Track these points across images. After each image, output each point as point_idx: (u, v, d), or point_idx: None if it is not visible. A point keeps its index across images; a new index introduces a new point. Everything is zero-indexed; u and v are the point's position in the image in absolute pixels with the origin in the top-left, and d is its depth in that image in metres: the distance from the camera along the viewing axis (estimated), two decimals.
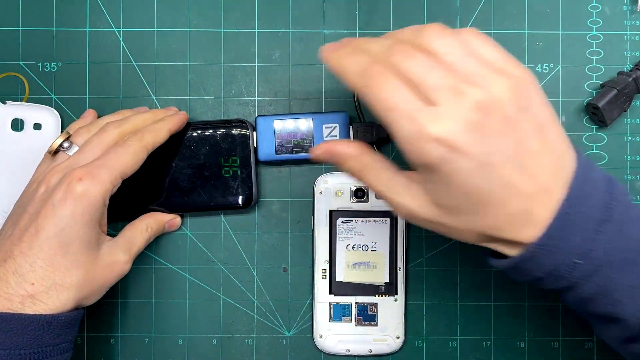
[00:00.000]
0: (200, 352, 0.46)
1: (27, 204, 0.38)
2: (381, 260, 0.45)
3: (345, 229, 0.45)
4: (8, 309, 0.35)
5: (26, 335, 0.34)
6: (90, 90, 0.47)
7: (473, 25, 0.47)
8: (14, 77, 0.47)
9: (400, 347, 0.46)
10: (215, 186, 0.45)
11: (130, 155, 0.39)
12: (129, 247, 0.41)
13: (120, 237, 0.42)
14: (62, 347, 0.37)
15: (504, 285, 0.47)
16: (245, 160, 0.45)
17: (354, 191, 0.45)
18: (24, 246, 0.36)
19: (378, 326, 0.45)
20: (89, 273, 0.38)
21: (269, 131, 0.45)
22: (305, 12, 0.47)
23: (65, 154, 0.40)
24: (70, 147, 0.40)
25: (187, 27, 0.47)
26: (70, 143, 0.41)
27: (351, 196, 0.45)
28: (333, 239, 0.45)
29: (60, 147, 0.40)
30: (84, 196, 0.36)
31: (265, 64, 0.47)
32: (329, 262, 0.45)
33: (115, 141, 0.40)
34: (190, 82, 0.47)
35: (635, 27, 0.47)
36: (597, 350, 0.47)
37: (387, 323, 0.45)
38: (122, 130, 0.41)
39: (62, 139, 0.41)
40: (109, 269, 0.39)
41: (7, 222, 0.39)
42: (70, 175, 0.37)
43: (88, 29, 0.47)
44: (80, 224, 0.37)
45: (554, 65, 0.47)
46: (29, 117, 0.46)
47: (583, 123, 0.47)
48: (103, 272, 0.39)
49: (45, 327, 0.35)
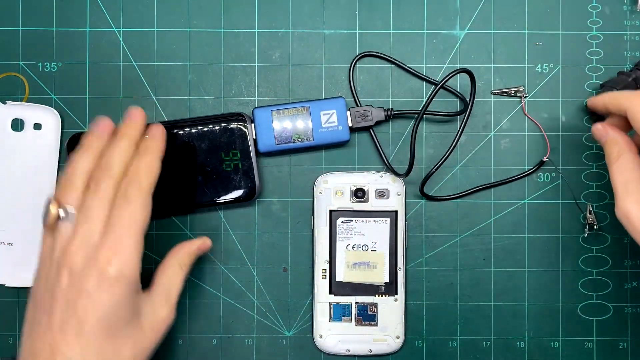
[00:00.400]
0: (200, 352, 0.46)
1: (54, 290, 0.36)
2: (381, 260, 0.45)
3: (345, 229, 0.45)
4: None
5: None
6: (90, 90, 0.47)
7: (473, 25, 0.47)
8: (14, 77, 0.47)
9: (400, 347, 0.46)
10: (217, 181, 0.45)
11: (140, 209, 0.37)
12: (167, 296, 0.40)
13: (156, 287, 0.40)
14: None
15: (504, 286, 0.47)
16: (246, 153, 0.45)
17: (354, 191, 0.45)
18: (69, 340, 0.35)
19: (378, 326, 0.45)
20: (136, 344, 0.37)
21: (267, 122, 0.45)
22: (305, 12, 0.47)
23: (66, 223, 0.37)
24: (68, 215, 0.37)
25: (187, 27, 0.47)
26: (66, 212, 0.37)
27: (351, 196, 0.45)
28: (333, 239, 0.45)
29: (57, 219, 0.37)
30: (119, 279, 0.35)
31: (265, 64, 0.47)
32: (329, 262, 0.45)
33: (113, 194, 0.37)
34: (190, 82, 0.47)
35: (635, 27, 0.47)
36: (597, 350, 0.47)
37: (387, 323, 0.45)
38: (115, 180, 0.37)
39: (55, 210, 0.37)
40: (154, 330, 0.38)
41: (36, 308, 0.37)
42: (97, 259, 0.35)
43: (88, 29, 0.47)
44: (120, 305, 0.36)
45: (554, 65, 0.47)
46: (29, 117, 0.46)
47: (583, 123, 0.47)
48: (150, 335, 0.38)
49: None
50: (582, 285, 0.47)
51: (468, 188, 0.47)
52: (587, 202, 0.47)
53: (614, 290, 0.47)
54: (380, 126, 0.47)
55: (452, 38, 0.47)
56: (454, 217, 0.47)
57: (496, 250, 0.47)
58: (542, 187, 0.47)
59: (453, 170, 0.47)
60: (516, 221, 0.47)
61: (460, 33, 0.47)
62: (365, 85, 0.47)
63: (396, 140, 0.47)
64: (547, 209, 0.47)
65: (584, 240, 0.47)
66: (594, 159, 0.47)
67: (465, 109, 0.45)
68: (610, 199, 0.47)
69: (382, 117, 0.46)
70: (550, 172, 0.47)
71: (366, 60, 0.47)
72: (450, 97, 0.47)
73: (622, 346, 0.47)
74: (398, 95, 0.47)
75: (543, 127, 0.47)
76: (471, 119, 0.47)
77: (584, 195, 0.47)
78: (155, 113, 0.47)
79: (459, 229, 0.47)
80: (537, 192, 0.47)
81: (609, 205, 0.47)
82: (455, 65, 0.47)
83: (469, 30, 0.47)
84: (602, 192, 0.47)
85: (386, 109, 0.46)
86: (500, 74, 0.47)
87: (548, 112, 0.47)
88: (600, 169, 0.47)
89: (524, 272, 0.47)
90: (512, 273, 0.47)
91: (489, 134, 0.47)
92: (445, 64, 0.47)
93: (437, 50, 0.47)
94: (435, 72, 0.47)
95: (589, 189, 0.47)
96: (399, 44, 0.47)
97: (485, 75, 0.47)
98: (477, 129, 0.47)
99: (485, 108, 0.47)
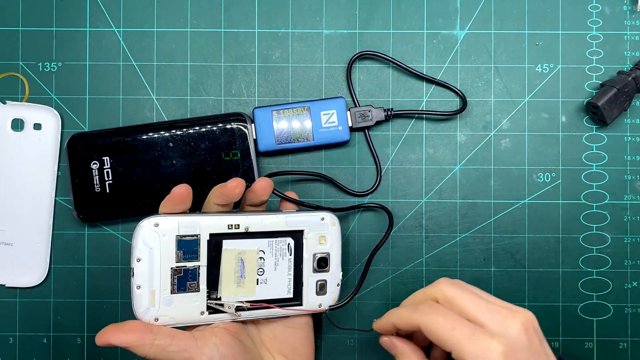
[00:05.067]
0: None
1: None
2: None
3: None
4: None
5: None
6: (90, 90, 0.47)
7: (473, 25, 0.47)
8: (14, 77, 0.47)
9: None
10: (217, 181, 0.45)
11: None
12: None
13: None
14: None
15: (504, 286, 0.47)
16: (246, 153, 0.45)
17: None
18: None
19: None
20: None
21: (267, 122, 0.45)
22: (305, 12, 0.47)
23: None
24: None
25: (187, 27, 0.47)
26: None
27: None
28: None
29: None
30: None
31: (265, 64, 0.47)
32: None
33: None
34: (190, 82, 0.47)
35: (635, 27, 0.47)
36: (597, 350, 0.47)
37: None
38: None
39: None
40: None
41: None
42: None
43: (88, 29, 0.47)
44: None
45: (554, 65, 0.47)
46: (29, 117, 0.46)
47: (583, 123, 0.47)
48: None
49: None
50: (582, 285, 0.47)
51: (468, 188, 0.47)
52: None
53: (614, 290, 0.47)
54: (380, 126, 0.47)
55: (452, 38, 0.47)
56: (454, 217, 0.47)
57: (496, 250, 0.47)
58: (542, 187, 0.47)
59: (453, 170, 0.47)
60: (516, 221, 0.47)
61: (460, 33, 0.47)
62: (365, 85, 0.47)
63: (396, 140, 0.47)
64: (547, 209, 0.47)
65: (584, 240, 0.47)
66: (594, 159, 0.47)
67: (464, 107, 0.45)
68: (610, 199, 0.47)
69: (382, 117, 0.46)
70: (550, 172, 0.47)
71: (366, 60, 0.47)
72: (450, 98, 0.47)
73: (622, 346, 0.47)
74: (398, 95, 0.47)
75: (543, 127, 0.47)
76: (471, 119, 0.47)
77: (584, 195, 0.47)
78: (155, 113, 0.47)
79: (459, 229, 0.47)
80: (537, 192, 0.47)
81: (609, 205, 0.47)
82: (455, 65, 0.47)
83: (469, 30, 0.47)
84: (602, 192, 0.47)
85: (386, 109, 0.46)
86: (500, 74, 0.47)
87: (548, 112, 0.47)
88: (600, 169, 0.47)
89: (524, 272, 0.47)
90: (512, 273, 0.47)
91: (489, 134, 0.47)
92: (445, 64, 0.47)
93: (437, 50, 0.47)
94: (436, 72, 0.47)
95: (589, 189, 0.47)
96: (399, 44, 0.47)
97: (485, 75, 0.47)
98: (477, 129, 0.47)
99: (485, 108, 0.47)
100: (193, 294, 0.38)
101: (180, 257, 0.37)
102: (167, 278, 0.37)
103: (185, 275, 0.37)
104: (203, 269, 0.38)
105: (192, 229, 0.37)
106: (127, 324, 0.35)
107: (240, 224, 0.38)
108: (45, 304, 0.47)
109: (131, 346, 0.35)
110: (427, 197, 0.47)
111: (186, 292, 0.37)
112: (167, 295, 0.37)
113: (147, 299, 0.37)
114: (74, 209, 0.45)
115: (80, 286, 0.47)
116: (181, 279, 0.37)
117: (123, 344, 0.34)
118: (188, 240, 0.37)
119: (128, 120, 0.47)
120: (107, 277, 0.47)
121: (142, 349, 0.35)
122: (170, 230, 0.37)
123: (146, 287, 0.37)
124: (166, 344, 0.35)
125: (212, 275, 0.38)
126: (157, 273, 0.37)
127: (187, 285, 0.38)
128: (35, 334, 0.47)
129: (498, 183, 0.47)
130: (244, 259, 0.39)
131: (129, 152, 0.45)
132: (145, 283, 0.37)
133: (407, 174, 0.47)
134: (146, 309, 0.37)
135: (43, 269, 0.46)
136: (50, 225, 0.46)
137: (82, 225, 0.47)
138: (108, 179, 0.45)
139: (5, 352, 0.46)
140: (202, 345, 0.36)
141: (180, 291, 0.37)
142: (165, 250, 0.37)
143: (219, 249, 0.38)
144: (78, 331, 0.47)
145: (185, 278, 0.37)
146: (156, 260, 0.37)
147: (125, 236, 0.47)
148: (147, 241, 0.36)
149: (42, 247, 0.46)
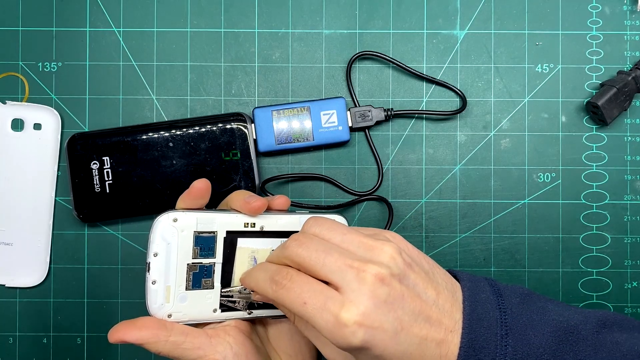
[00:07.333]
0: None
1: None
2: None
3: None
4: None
5: None
6: (90, 90, 0.47)
7: (473, 25, 0.47)
8: (14, 77, 0.47)
9: None
10: (217, 181, 0.45)
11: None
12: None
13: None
14: None
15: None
16: (246, 153, 0.45)
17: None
18: None
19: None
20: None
21: (267, 122, 0.45)
22: (305, 12, 0.47)
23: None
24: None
25: (187, 27, 0.47)
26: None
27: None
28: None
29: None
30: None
31: (265, 64, 0.47)
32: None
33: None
34: (190, 82, 0.47)
35: (635, 27, 0.47)
36: None
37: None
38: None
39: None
40: None
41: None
42: None
43: (88, 29, 0.47)
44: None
45: (554, 65, 0.47)
46: (29, 117, 0.46)
47: (583, 123, 0.47)
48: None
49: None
50: (582, 285, 0.47)
51: (468, 188, 0.47)
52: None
53: (614, 290, 0.47)
54: (380, 126, 0.47)
55: (452, 38, 0.47)
56: (454, 217, 0.47)
57: (496, 250, 0.47)
58: (542, 187, 0.47)
59: (453, 170, 0.47)
60: (516, 221, 0.47)
61: (460, 33, 0.47)
62: (365, 85, 0.47)
63: (396, 140, 0.47)
64: (547, 209, 0.47)
65: (584, 240, 0.47)
66: (594, 159, 0.47)
67: (464, 107, 0.45)
68: (610, 199, 0.47)
69: (382, 117, 0.46)
70: (550, 172, 0.47)
71: (366, 60, 0.47)
72: (450, 98, 0.47)
73: None
74: (398, 95, 0.47)
75: (543, 127, 0.47)
76: (471, 119, 0.47)
77: (584, 195, 0.47)
78: (155, 113, 0.47)
79: (459, 229, 0.47)
80: (537, 192, 0.47)
81: (609, 205, 0.47)
82: (455, 65, 0.47)
83: (469, 30, 0.47)
84: (602, 192, 0.47)
85: (386, 109, 0.46)
86: (500, 73, 0.47)
87: (548, 112, 0.47)
88: (600, 168, 0.47)
89: (524, 272, 0.47)
90: (512, 273, 0.47)
91: (489, 134, 0.47)
92: (445, 64, 0.47)
93: (437, 50, 0.47)
94: (435, 72, 0.47)
95: (589, 189, 0.47)
96: (399, 44, 0.47)
97: (485, 75, 0.47)
98: (477, 129, 0.47)
99: (485, 108, 0.47)
100: (207, 291, 0.37)
101: (197, 253, 0.37)
102: (182, 274, 0.37)
103: (200, 272, 0.37)
104: (218, 266, 0.38)
105: (210, 225, 0.37)
106: (139, 320, 0.35)
107: (256, 223, 0.38)
108: (45, 304, 0.47)
109: (145, 343, 0.34)
110: (427, 197, 0.47)
111: (201, 288, 0.37)
112: (182, 291, 0.37)
113: (162, 295, 0.36)
114: (74, 209, 0.45)
115: (80, 286, 0.47)
116: (196, 275, 0.37)
117: (137, 340, 0.34)
118: (205, 236, 0.37)
119: (128, 120, 0.47)
120: (107, 277, 0.47)
121: (156, 345, 0.34)
122: (189, 226, 0.37)
123: (162, 283, 0.36)
124: (180, 341, 0.35)
125: (225, 273, 0.38)
126: (173, 269, 0.36)
127: (202, 282, 0.37)
128: (35, 334, 0.47)
129: (498, 183, 0.47)
130: (257, 257, 0.39)
131: (129, 152, 0.45)
132: (161, 278, 0.36)
133: (407, 174, 0.47)
134: (161, 305, 0.36)
135: (43, 269, 0.46)
136: (50, 225, 0.46)
137: (82, 225, 0.47)
138: (108, 179, 0.45)
139: (5, 352, 0.46)
140: (216, 344, 0.36)
141: (195, 288, 0.37)
142: (182, 245, 0.37)
143: (233, 247, 0.38)
144: (78, 331, 0.47)
145: (200, 275, 0.37)
146: (173, 256, 0.36)
147: (125, 236, 0.47)
148: (166, 236, 0.36)
149: (42, 247, 0.46)
